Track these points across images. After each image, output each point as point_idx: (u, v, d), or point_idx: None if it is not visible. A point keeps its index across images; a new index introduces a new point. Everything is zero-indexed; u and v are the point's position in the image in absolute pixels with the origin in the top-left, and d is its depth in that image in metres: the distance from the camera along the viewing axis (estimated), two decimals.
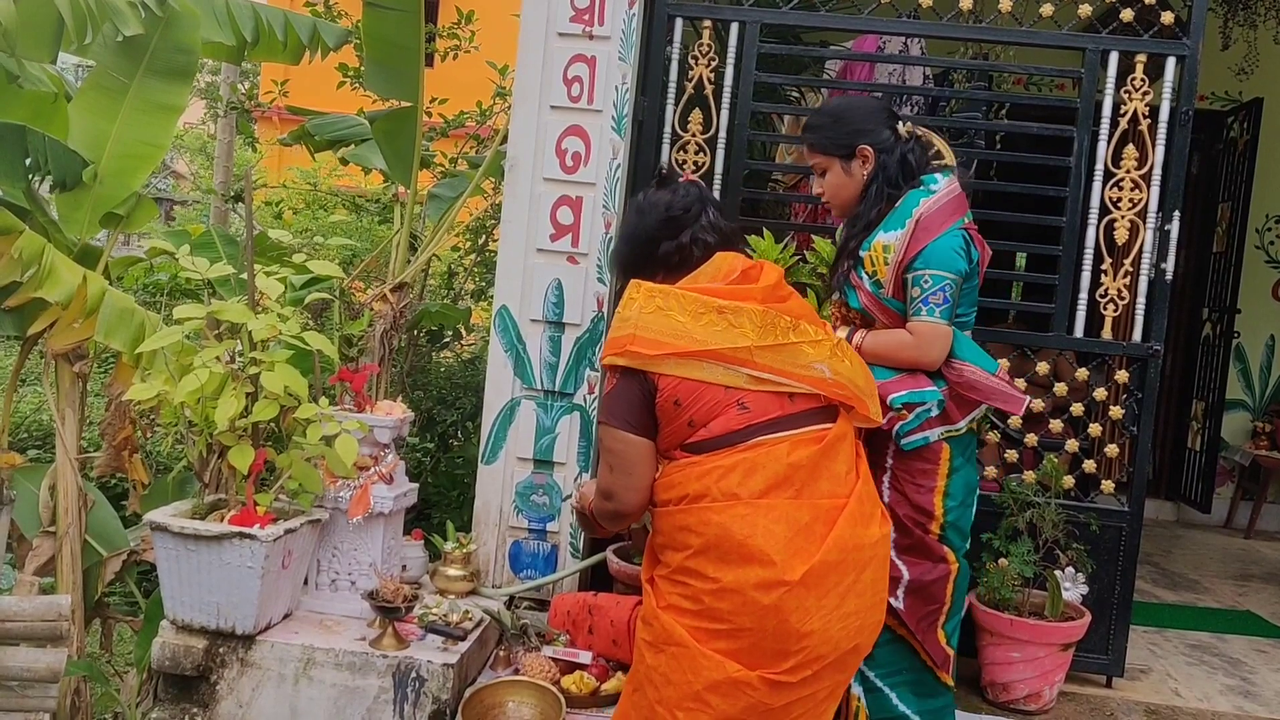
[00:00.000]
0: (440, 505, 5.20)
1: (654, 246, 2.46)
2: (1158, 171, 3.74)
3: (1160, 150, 3.74)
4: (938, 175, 2.89)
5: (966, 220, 2.90)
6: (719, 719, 2.18)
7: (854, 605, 2.22)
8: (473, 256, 6.30)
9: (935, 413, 2.78)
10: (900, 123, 2.93)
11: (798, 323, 2.35)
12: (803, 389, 2.29)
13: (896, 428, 2.76)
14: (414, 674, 3.15)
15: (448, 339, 5.97)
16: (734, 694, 2.17)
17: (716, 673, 2.17)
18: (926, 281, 2.75)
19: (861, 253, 2.88)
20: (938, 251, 2.75)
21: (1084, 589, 3.67)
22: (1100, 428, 3.83)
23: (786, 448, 2.24)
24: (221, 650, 3.24)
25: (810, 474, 2.24)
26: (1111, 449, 3.86)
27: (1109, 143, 3.77)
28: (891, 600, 2.74)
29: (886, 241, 2.80)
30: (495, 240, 5.46)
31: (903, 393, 2.77)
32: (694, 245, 2.45)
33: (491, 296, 4.24)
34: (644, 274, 2.44)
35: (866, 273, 2.87)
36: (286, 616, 3.41)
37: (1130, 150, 3.76)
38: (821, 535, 2.20)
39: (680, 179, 2.58)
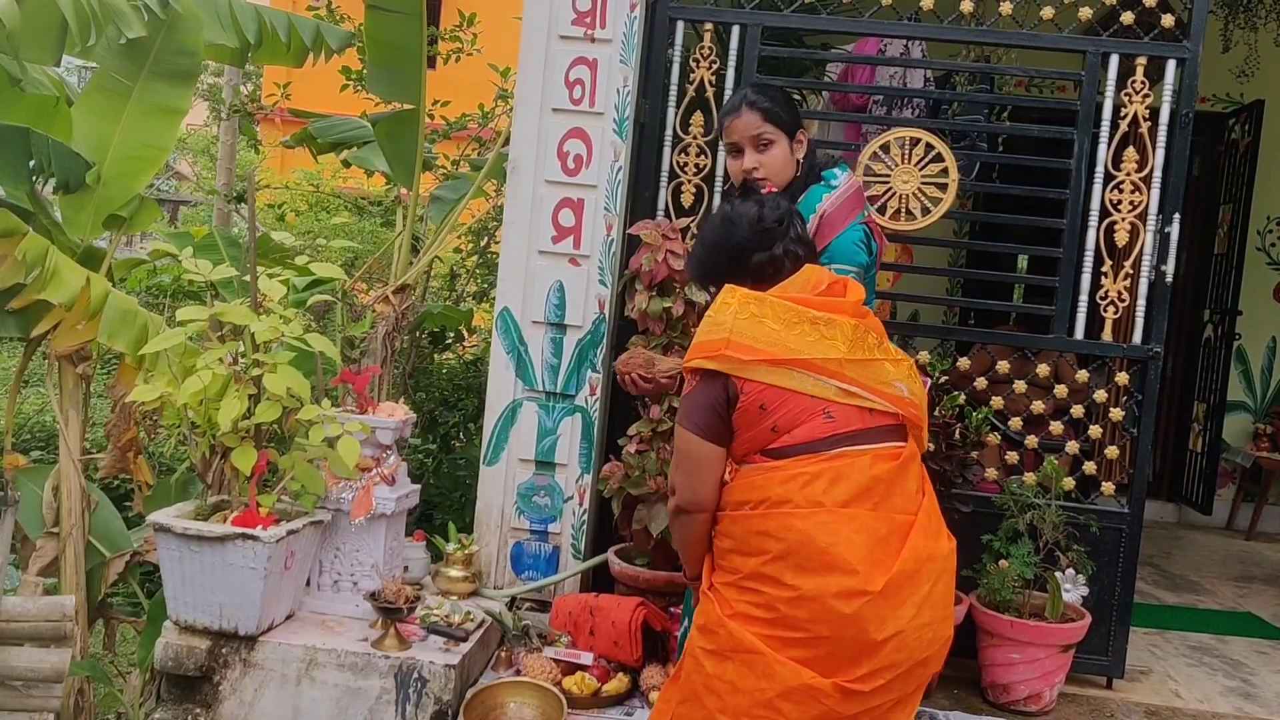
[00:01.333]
0: (442, 507, 5.21)
1: (746, 257, 2.47)
2: (1158, 174, 3.75)
3: (1160, 152, 3.75)
4: (837, 171, 2.96)
5: (867, 214, 3.00)
6: None
7: (928, 616, 2.22)
8: (475, 258, 6.31)
9: None
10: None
11: (882, 340, 2.39)
12: (881, 405, 2.30)
13: None
14: (416, 675, 3.16)
15: (450, 341, 5.98)
16: (807, 701, 2.15)
17: (792, 679, 2.16)
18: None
19: None
20: (841, 247, 2.83)
21: (1084, 590, 3.68)
22: (1101, 429, 3.84)
23: (869, 460, 2.25)
24: (224, 651, 3.25)
25: (888, 488, 2.25)
26: (1112, 451, 3.87)
27: (1109, 145, 3.78)
28: None
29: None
30: (497, 242, 5.48)
31: None
32: (786, 257, 2.46)
33: (493, 298, 4.25)
34: (729, 280, 2.44)
35: None
36: (289, 617, 3.42)
37: (1130, 152, 3.77)
38: (896, 549, 2.21)
39: (764, 190, 2.66)
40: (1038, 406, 3.91)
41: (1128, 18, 3.78)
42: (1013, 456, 3.92)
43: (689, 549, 2.45)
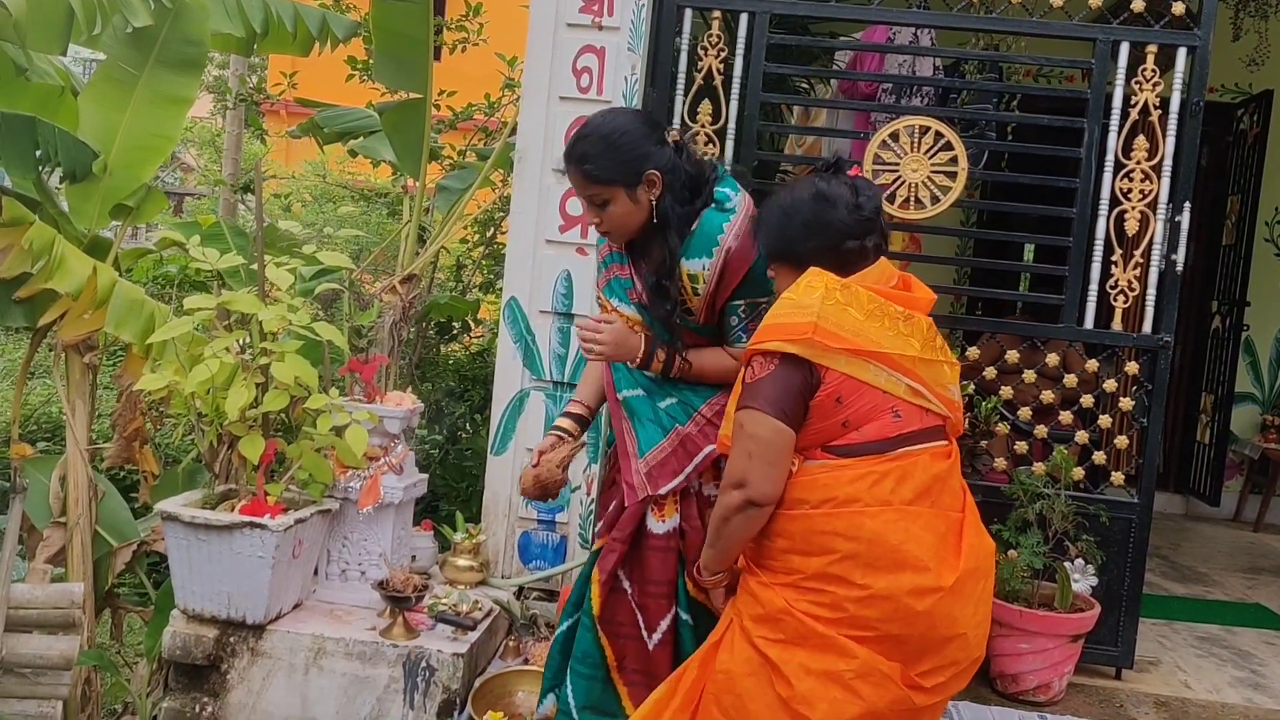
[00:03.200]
0: (449, 497, 5.20)
1: (840, 241, 2.34)
2: (1168, 162, 3.73)
3: (1171, 141, 3.73)
4: (729, 192, 2.64)
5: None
6: (868, 711, 2.12)
7: (983, 614, 2.21)
8: (481, 249, 6.30)
9: None
10: (665, 130, 2.71)
11: (942, 342, 2.34)
12: (936, 407, 2.27)
13: None
14: (424, 663, 3.16)
15: (456, 331, 5.98)
16: (885, 684, 2.12)
17: (870, 660, 2.12)
18: (744, 310, 2.64)
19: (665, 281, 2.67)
20: (753, 280, 2.60)
21: (1093, 581, 3.67)
22: (1110, 419, 3.83)
23: (928, 459, 2.23)
24: (232, 640, 3.25)
25: (942, 487, 2.23)
26: (1121, 440, 3.85)
27: (1119, 134, 3.76)
28: None
29: (692, 270, 2.59)
30: (504, 233, 5.46)
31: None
32: (873, 251, 2.36)
33: (500, 289, 4.25)
34: (813, 262, 2.32)
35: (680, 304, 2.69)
36: (297, 606, 3.42)
37: (1141, 141, 3.75)
38: (955, 546, 2.19)
39: (852, 169, 2.46)
40: (1047, 396, 3.90)
41: (1138, 5, 3.76)
42: (1021, 446, 3.91)
43: (736, 546, 2.32)
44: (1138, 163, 3.75)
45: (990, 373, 3.92)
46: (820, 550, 2.18)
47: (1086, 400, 3.84)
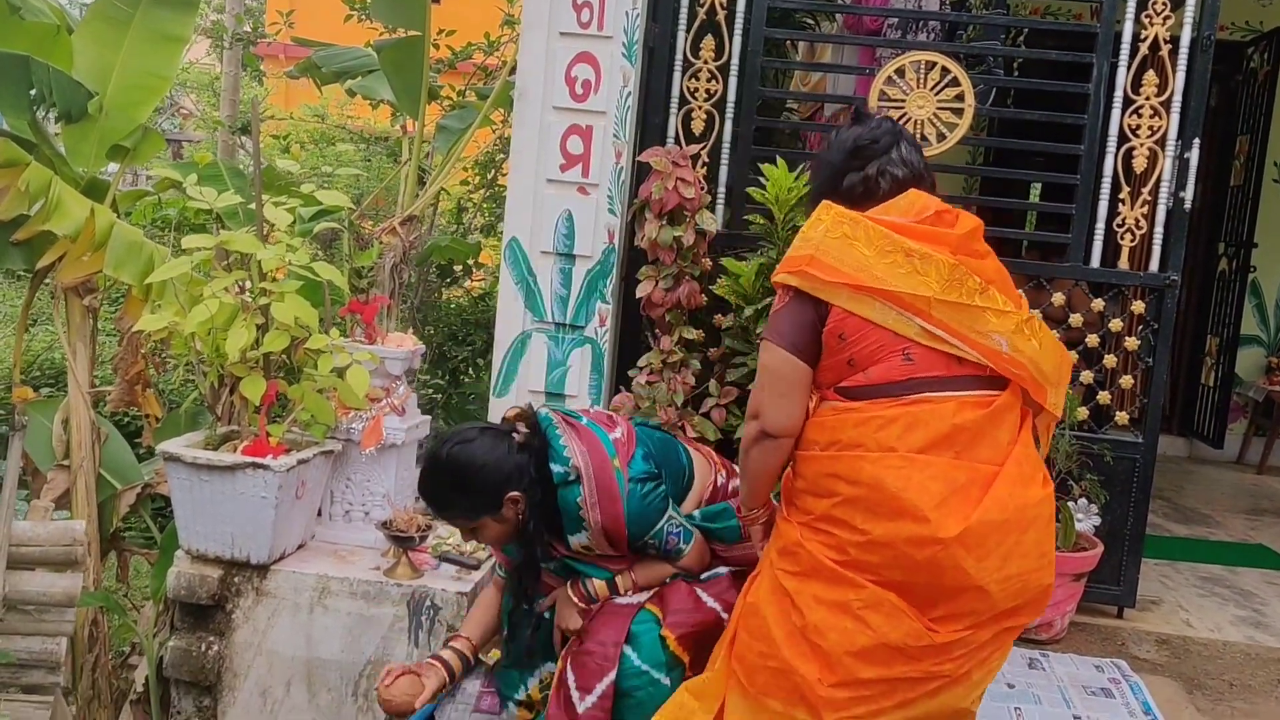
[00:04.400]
0: None
1: (839, 178, 2.33)
2: (1178, 98, 3.68)
3: (1181, 76, 3.67)
4: (561, 468, 2.50)
5: (619, 459, 2.56)
6: (880, 642, 2.11)
7: (1016, 567, 2.13)
8: (482, 191, 6.25)
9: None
10: (511, 434, 2.58)
11: (988, 286, 2.21)
12: (972, 356, 2.16)
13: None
14: (428, 602, 3.17)
15: (458, 274, 5.95)
16: (896, 615, 2.10)
17: (879, 592, 2.11)
18: (653, 542, 2.58)
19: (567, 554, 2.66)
20: (636, 523, 2.53)
21: (1097, 520, 3.67)
22: (1115, 359, 3.81)
23: (953, 407, 2.14)
24: (237, 580, 3.26)
25: (973, 437, 2.14)
26: (1126, 380, 3.83)
27: (1129, 69, 3.70)
28: None
29: (582, 542, 2.58)
30: (504, 175, 5.41)
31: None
32: (880, 178, 2.31)
33: (501, 232, 4.21)
34: (835, 201, 2.30)
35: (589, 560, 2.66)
36: (301, 547, 3.43)
37: (1150, 76, 3.69)
38: (976, 498, 2.11)
39: (878, 115, 2.43)
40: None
41: None
42: None
43: (762, 480, 2.33)
44: (1147, 98, 3.70)
45: None
46: (826, 493, 2.17)
47: (1092, 340, 3.82)
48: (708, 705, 2.31)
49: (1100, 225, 3.74)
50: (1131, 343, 3.75)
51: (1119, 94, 3.70)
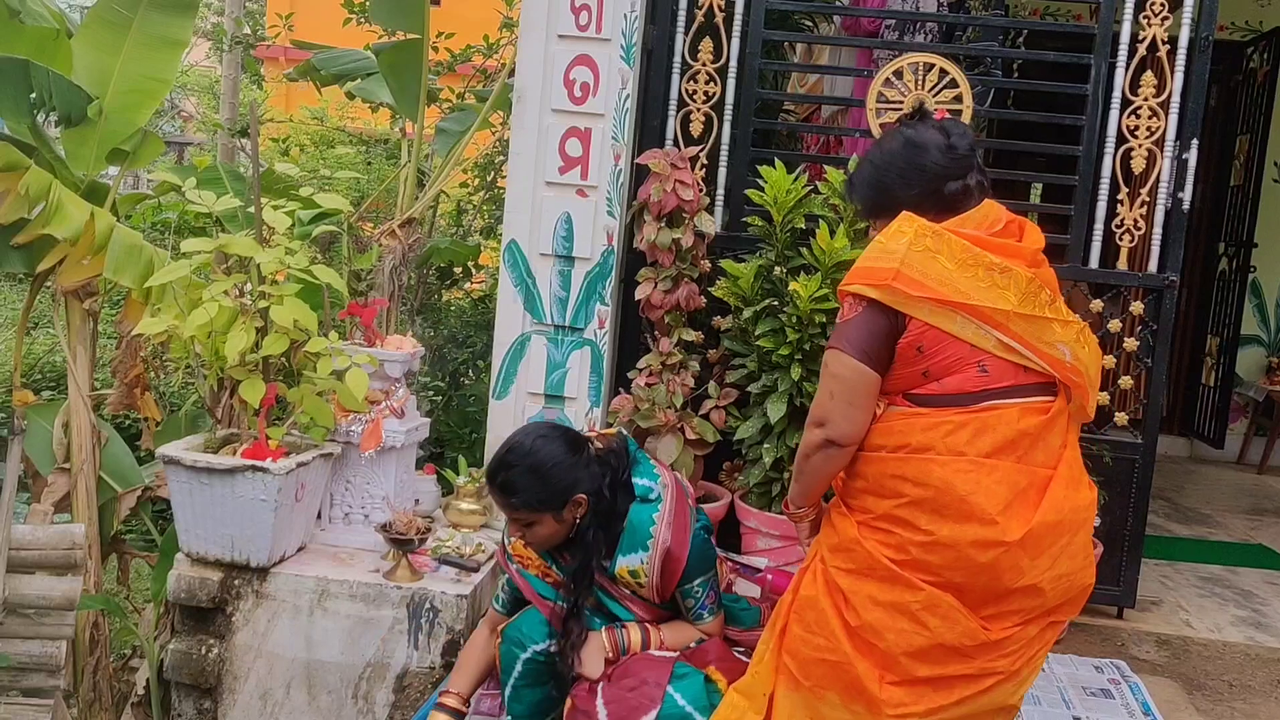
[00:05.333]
0: (453, 444, 5.21)
1: (939, 184, 2.27)
2: (1176, 99, 3.68)
3: (1179, 77, 3.67)
4: (650, 483, 2.60)
5: (694, 507, 2.67)
6: (937, 643, 2.13)
7: (1065, 567, 2.17)
8: (481, 194, 6.25)
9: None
10: (588, 445, 2.62)
11: (1055, 298, 2.24)
12: (1037, 365, 2.19)
13: None
14: (428, 605, 3.17)
15: (457, 276, 5.95)
16: (953, 616, 2.12)
17: (936, 594, 2.12)
18: (697, 591, 2.64)
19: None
20: (695, 563, 2.59)
21: (1096, 521, 3.65)
22: (1114, 360, 3.81)
23: (1017, 413, 2.17)
24: (237, 582, 3.27)
25: (1033, 442, 2.17)
26: (1125, 381, 3.83)
27: (1127, 70, 3.70)
28: None
29: (631, 566, 2.58)
30: (503, 177, 5.42)
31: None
32: (977, 189, 2.29)
33: (500, 235, 4.21)
34: (912, 212, 2.25)
35: (628, 589, 2.65)
36: (300, 549, 3.44)
37: (1149, 77, 3.69)
38: (1035, 501, 2.15)
39: (934, 114, 2.39)
40: None
41: None
42: None
43: (818, 485, 2.35)
44: (1145, 99, 3.70)
45: None
46: (891, 493, 2.18)
47: None
48: (756, 704, 2.32)
49: (1099, 226, 3.73)
50: (1130, 344, 3.75)
51: (1117, 95, 3.69)
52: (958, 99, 3.70)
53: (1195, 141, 3.68)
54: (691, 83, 3.91)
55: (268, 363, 3.37)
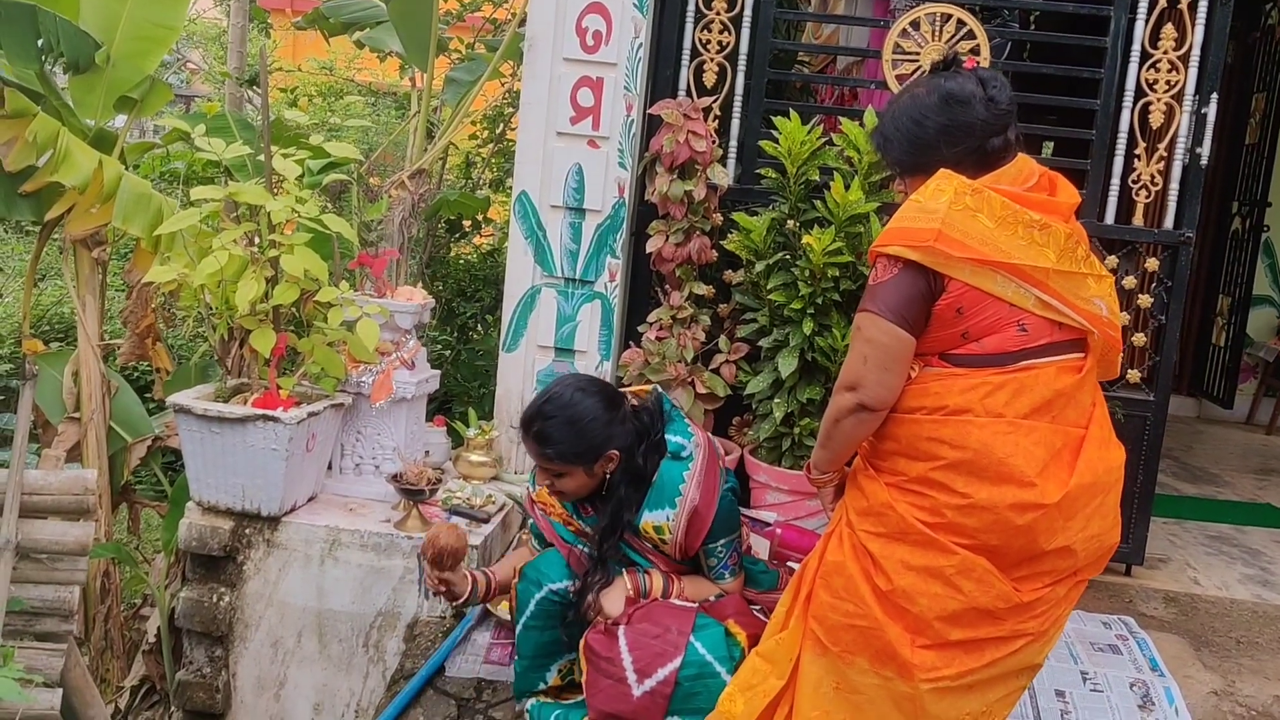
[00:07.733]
0: (461, 397, 5.21)
1: (983, 140, 2.20)
2: (1196, 52, 3.63)
3: (1200, 30, 3.62)
4: (682, 440, 2.60)
5: (724, 468, 2.67)
6: (970, 606, 2.11)
7: (1097, 527, 2.15)
8: (491, 146, 6.21)
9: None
10: (624, 402, 2.63)
11: (1089, 253, 2.19)
12: (1074, 320, 2.14)
13: None
14: None
15: (467, 230, 5.92)
16: (987, 580, 2.10)
17: (970, 557, 2.10)
18: (720, 552, 2.64)
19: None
20: (720, 523, 2.59)
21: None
22: (1128, 316, 3.78)
23: (1053, 372, 2.13)
24: (248, 531, 3.28)
25: (1067, 401, 2.14)
26: (1139, 338, 3.82)
27: (1147, 22, 3.65)
28: None
29: (657, 522, 2.58)
30: (513, 129, 5.38)
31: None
32: (1017, 144, 2.24)
33: (510, 188, 4.18)
34: (956, 168, 2.18)
35: (651, 544, 2.65)
36: (311, 499, 3.45)
37: (1169, 30, 3.64)
38: (1069, 462, 2.12)
39: (968, 60, 2.32)
40: None
41: None
42: None
43: (846, 449, 2.30)
44: (1165, 52, 3.65)
45: None
46: (926, 456, 2.14)
47: None
48: (780, 669, 2.30)
49: (1115, 181, 3.70)
50: (1145, 300, 3.72)
51: (1136, 48, 3.65)
52: (974, 51, 3.65)
53: (1215, 96, 3.64)
54: (705, 32, 3.86)
55: (278, 312, 3.36)
